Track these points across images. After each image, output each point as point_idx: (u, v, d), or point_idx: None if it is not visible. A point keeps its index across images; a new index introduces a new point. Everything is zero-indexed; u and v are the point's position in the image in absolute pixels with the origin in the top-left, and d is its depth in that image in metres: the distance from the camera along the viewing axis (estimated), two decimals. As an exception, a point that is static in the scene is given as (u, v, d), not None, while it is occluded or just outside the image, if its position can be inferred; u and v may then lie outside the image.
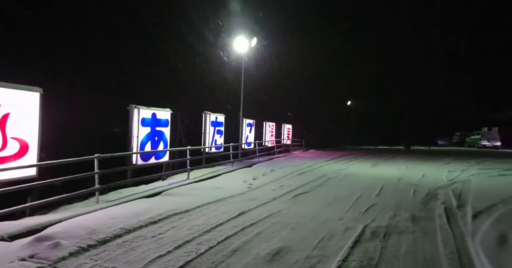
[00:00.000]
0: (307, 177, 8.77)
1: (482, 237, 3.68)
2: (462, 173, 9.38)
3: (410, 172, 10.14)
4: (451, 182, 8.00)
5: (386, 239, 3.92)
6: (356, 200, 6.03)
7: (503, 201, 5.47)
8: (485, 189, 6.74)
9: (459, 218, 4.72)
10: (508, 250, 3.27)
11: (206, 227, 4.16)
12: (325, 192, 6.84)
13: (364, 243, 3.77)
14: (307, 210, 5.24)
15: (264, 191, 6.76)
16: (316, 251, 3.50)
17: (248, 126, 13.86)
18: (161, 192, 6.24)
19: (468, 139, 28.88)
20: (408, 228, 4.34)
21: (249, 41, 12.44)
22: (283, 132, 19.11)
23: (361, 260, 3.26)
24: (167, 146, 7.87)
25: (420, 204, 5.81)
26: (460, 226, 4.33)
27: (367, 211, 5.24)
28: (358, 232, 4.13)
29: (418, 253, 3.47)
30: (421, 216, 4.93)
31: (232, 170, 9.91)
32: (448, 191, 6.77)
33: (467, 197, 6.05)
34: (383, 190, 7.11)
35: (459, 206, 5.41)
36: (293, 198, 6.17)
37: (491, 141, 25.53)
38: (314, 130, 29.14)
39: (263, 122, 16.46)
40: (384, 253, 3.47)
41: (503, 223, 4.11)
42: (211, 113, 10.49)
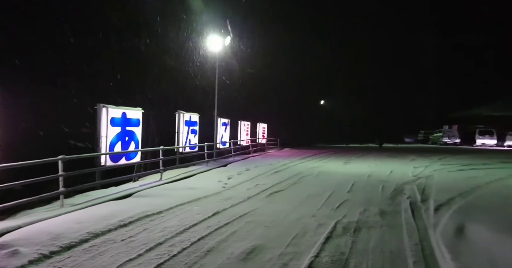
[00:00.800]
0: (281, 175, 8.88)
1: (442, 229, 3.91)
2: (426, 169, 9.93)
3: (379, 168, 10.57)
4: (416, 177, 8.44)
5: (356, 234, 4.06)
6: (328, 197, 6.19)
7: (461, 194, 5.86)
8: (446, 183, 7.19)
9: (423, 211, 4.99)
10: (465, 239, 3.51)
11: (180, 228, 4.08)
12: (299, 190, 6.96)
13: (336, 238, 3.88)
14: (282, 208, 5.30)
15: (239, 190, 6.75)
16: (290, 248, 3.55)
17: (223, 125, 13.77)
18: (132, 193, 6.03)
19: (432, 136, 30.67)
20: (377, 223, 4.53)
21: (223, 39, 12.35)
22: (258, 131, 19.19)
23: (332, 255, 3.35)
24: (138, 146, 7.62)
25: (388, 199, 6.07)
26: (423, 219, 4.58)
27: (339, 207, 5.40)
28: (330, 228, 4.24)
29: (386, 246, 3.63)
30: (389, 211, 5.15)
31: (207, 169, 9.80)
32: (413, 186, 7.14)
33: (430, 191, 6.41)
34: (354, 186, 7.36)
35: (422, 200, 5.72)
36: (268, 197, 6.22)
37: (452, 138, 27.30)
38: (289, 129, 29.56)
39: (238, 121, 16.42)
40: (354, 247, 3.59)
41: (460, 215, 4.40)
42: (185, 112, 10.30)
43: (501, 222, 3.85)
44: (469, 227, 3.80)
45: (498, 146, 24.88)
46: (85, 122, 9.30)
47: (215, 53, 12.59)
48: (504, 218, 4.06)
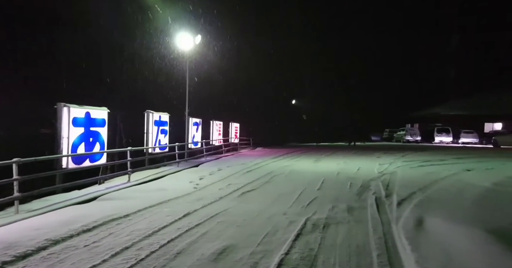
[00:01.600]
0: (254, 175, 8.92)
1: (403, 222, 4.15)
2: (390, 166, 10.46)
3: (348, 166, 10.96)
4: (381, 174, 8.86)
5: (325, 230, 4.19)
6: (299, 195, 6.31)
7: (420, 189, 6.25)
8: (408, 179, 7.62)
9: (387, 206, 5.26)
10: (423, 231, 3.75)
11: (148, 231, 3.96)
12: (271, 189, 7.04)
13: (306, 235, 3.97)
14: (254, 207, 5.33)
15: (211, 191, 6.69)
16: (261, 246, 3.58)
17: (194, 125, 13.56)
18: (97, 197, 5.75)
19: (396, 134, 32.36)
20: (345, 218, 4.69)
21: (193, 38, 12.15)
22: (231, 131, 19.13)
23: (302, 251, 3.43)
24: (104, 147, 7.28)
25: (355, 195, 6.32)
26: (387, 213, 4.82)
27: (309, 205, 5.53)
28: (300, 225, 4.33)
29: (352, 240, 3.78)
30: (356, 207, 5.37)
31: (178, 170, 9.60)
32: (378, 182, 7.48)
33: (393, 187, 6.76)
34: (324, 184, 7.57)
35: (387, 195, 6.02)
36: (240, 196, 6.22)
37: (413, 136, 28.99)
38: (262, 129, 29.77)
39: (211, 121, 16.26)
40: (323, 243, 3.70)
41: (420, 208, 4.70)
42: (154, 112, 10.00)
43: (454, 213, 4.16)
44: (427, 220, 4.06)
45: (453, 143, 26.82)
46: (46, 122, 8.73)
47: (186, 52, 12.36)
48: (457, 209, 4.39)
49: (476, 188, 5.70)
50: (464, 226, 3.46)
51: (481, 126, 29.75)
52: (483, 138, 26.08)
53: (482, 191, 5.40)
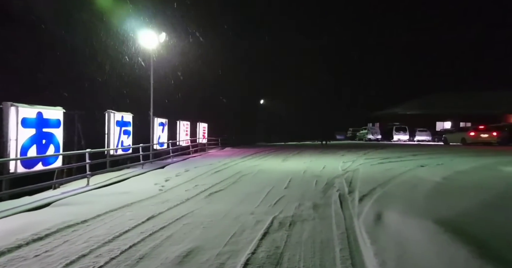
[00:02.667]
0: (222, 175, 8.85)
1: (364, 217, 4.36)
2: (353, 163, 10.93)
3: (314, 164, 11.27)
4: (345, 171, 9.23)
5: (291, 227, 4.26)
6: (267, 194, 6.37)
7: (380, 184, 6.60)
8: (369, 176, 8.01)
9: (349, 202, 5.48)
10: (381, 225, 3.97)
11: (108, 236, 3.76)
12: (239, 189, 7.02)
13: (272, 233, 4.02)
14: (221, 208, 5.28)
15: (177, 192, 6.52)
16: (228, 247, 3.56)
17: (160, 125, 13.15)
18: (51, 202, 5.35)
19: (358, 133, 33.94)
20: (310, 216, 4.81)
21: (157, 36, 11.77)
22: (199, 131, 18.83)
23: (268, 250, 3.46)
24: (59, 150, 6.80)
25: (320, 192, 6.51)
26: (350, 209, 5.03)
27: (276, 204, 5.60)
28: (267, 224, 4.37)
29: (317, 236, 3.89)
30: (321, 204, 5.52)
31: (142, 172, 9.24)
32: (342, 180, 7.78)
33: (356, 184, 7.06)
34: (291, 182, 7.71)
35: (349, 192, 6.28)
36: (207, 197, 6.14)
37: (374, 134, 30.62)
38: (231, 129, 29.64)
39: (177, 121, 15.87)
40: (289, 240, 3.76)
41: (379, 203, 4.96)
42: (116, 112, 9.54)
43: (408, 207, 4.45)
44: (385, 214, 4.30)
45: (410, 140, 28.73)
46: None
47: (150, 50, 11.94)
48: (411, 203, 4.70)
49: (428, 183, 6.14)
50: (417, 219, 3.71)
51: (433, 125, 32.19)
52: (435, 135, 28.25)
53: (433, 185, 5.83)
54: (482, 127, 21.12)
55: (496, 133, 20.64)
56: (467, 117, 30.41)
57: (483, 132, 20.75)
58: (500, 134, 20.70)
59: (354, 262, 3.09)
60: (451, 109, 32.41)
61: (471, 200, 4.35)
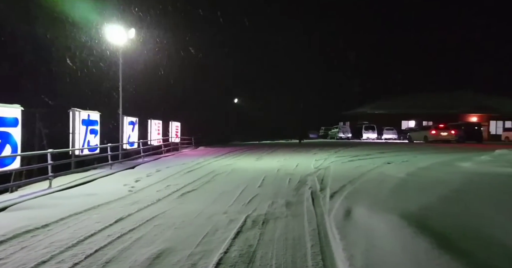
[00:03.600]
0: (195, 175, 8.72)
1: (334, 213, 4.49)
2: (325, 161, 11.23)
3: (287, 163, 11.44)
4: (317, 169, 9.45)
5: (264, 225, 4.29)
6: (240, 193, 6.37)
7: (350, 181, 6.83)
8: (339, 173, 8.27)
9: (321, 199, 5.62)
10: (351, 220, 4.11)
11: (72, 241, 3.57)
12: (213, 188, 6.96)
13: (246, 232, 4.02)
14: (194, 208, 5.20)
15: (148, 193, 6.34)
16: (200, 247, 3.51)
17: (130, 124, 12.69)
18: (7, 207, 4.97)
19: (330, 132, 34.96)
20: (283, 213, 4.88)
21: (126, 32, 11.33)
22: (171, 130, 18.41)
23: (241, 249, 3.46)
24: (17, 150, 6.33)
25: (293, 190, 6.61)
26: (321, 206, 5.16)
27: (250, 202, 5.61)
28: (240, 223, 4.36)
29: (289, 234, 3.95)
30: (294, 201, 5.61)
31: (111, 173, 8.87)
32: (314, 177, 7.96)
33: (327, 181, 7.26)
34: (264, 181, 7.76)
35: (321, 189, 6.44)
36: (180, 197, 6.02)
37: (345, 133, 31.71)
38: (204, 128, 29.28)
39: (148, 120, 15.40)
40: (262, 238, 3.79)
41: (349, 199, 5.13)
42: (82, 110, 9.06)
43: (376, 202, 4.65)
44: (354, 209, 4.46)
45: (378, 139, 30.07)
46: None
47: (118, 46, 11.46)
48: (378, 199, 4.91)
49: (394, 179, 6.45)
50: (383, 213, 3.89)
51: (399, 124, 33.92)
52: (401, 134, 29.78)
53: (398, 181, 6.14)
54: (442, 126, 22.62)
55: (454, 131, 22.20)
56: (429, 116, 32.35)
57: (443, 131, 22.21)
58: (457, 132, 22.29)
59: (324, 257, 3.18)
60: (414, 109, 34.32)
61: (431, 195, 4.64)
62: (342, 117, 39.50)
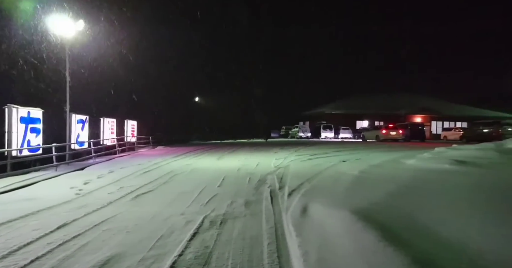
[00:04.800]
0: (152, 175, 8.34)
1: (292, 211, 4.57)
2: (285, 160, 11.46)
3: (248, 162, 11.46)
4: (277, 168, 9.59)
5: (222, 226, 4.23)
6: (199, 193, 6.22)
7: (307, 179, 7.02)
8: (298, 171, 8.48)
9: (279, 197, 5.69)
10: (307, 217, 4.22)
11: (3, 251, 3.17)
12: (170, 189, 6.71)
13: (202, 233, 3.92)
14: (149, 210, 4.96)
15: (98, 196, 5.91)
16: (153, 251, 3.34)
17: (79, 123, 11.78)
18: None
19: (291, 131, 35.85)
20: (242, 213, 4.85)
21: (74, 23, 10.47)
22: (127, 129, 17.46)
23: (197, 250, 3.36)
24: None
25: (253, 189, 6.61)
26: (279, 204, 5.22)
27: (208, 202, 5.50)
28: (197, 224, 4.25)
29: (247, 233, 3.93)
30: (253, 200, 5.61)
31: (56, 175, 8.13)
32: (274, 176, 8.05)
33: (286, 179, 7.39)
34: (224, 180, 7.68)
35: (280, 188, 6.53)
36: (134, 199, 5.70)
37: (305, 132, 32.75)
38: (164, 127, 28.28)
39: (101, 118, 14.44)
40: (219, 239, 3.72)
41: (306, 197, 5.26)
42: (20, 107, 8.19)
43: (330, 199, 4.82)
44: (310, 206, 4.58)
45: (335, 138, 31.51)
46: None
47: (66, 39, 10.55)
48: (333, 195, 5.11)
49: (348, 176, 6.77)
50: (337, 209, 4.04)
51: (354, 123, 35.90)
52: (356, 133, 31.53)
53: (352, 178, 6.45)
54: (391, 126, 24.41)
55: (401, 131, 24.09)
56: (381, 117, 34.69)
57: (392, 130, 23.98)
58: (404, 132, 24.23)
59: (280, 254, 3.21)
60: (367, 109, 36.59)
61: (380, 190, 4.94)
62: (302, 117, 40.73)
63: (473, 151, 7.89)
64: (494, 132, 19.06)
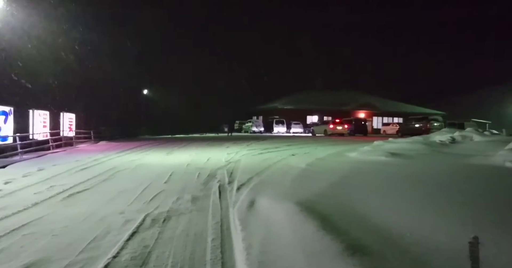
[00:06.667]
0: (90, 173, 7.66)
1: (239, 205, 4.53)
2: (236, 154, 11.41)
3: (199, 157, 11.17)
4: (228, 162, 9.50)
5: (165, 223, 4.02)
6: (143, 190, 5.86)
7: (257, 173, 7.06)
8: (249, 166, 8.49)
9: (228, 192, 5.62)
10: (253, 211, 4.21)
11: None
12: (110, 187, 6.23)
13: (142, 232, 3.68)
14: (83, 210, 4.52)
15: (22, 196, 5.23)
16: (83, 254, 3.03)
17: (2, 115, 10.33)
18: None
19: (244, 126, 36.00)
20: (188, 209, 4.67)
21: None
22: (63, 123, 15.83)
23: (134, 251, 3.13)
24: None
25: (201, 184, 6.44)
26: (227, 199, 5.14)
27: (152, 200, 5.20)
28: (138, 222, 3.98)
29: (191, 229, 3.79)
30: (200, 196, 5.45)
31: (-30, 175, 7.01)
32: (224, 171, 7.94)
33: (236, 174, 7.33)
34: (172, 176, 7.36)
35: (229, 182, 6.45)
36: (66, 199, 5.16)
37: (258, 127, 33.19)
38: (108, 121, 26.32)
39: (30, 110, 12.85)
40: (161, 237, 3.52)
41: (254, 191, 5.26)
42: None
43: (278, 192, 4.90)
44: (258, 200, 4.59)
45: (287, 132, 32.46)
46: None
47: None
48: (280, 188, 5.20)
49: (296, 169, 6.97)
50: (282, 202, 4.10)
51: (305, 118, 37.35)
52: (306, 128, 32.86)
53: (299, 171, 6.65)
54: (338, 121, 25.94)
55: (347, 126, 25.74)
56: (329, 112, 36.63)
57: (338, 125, 25.49)
58: (349, 126, 25.93)
59: (223, 249, 3.14)
60: (317, 105, 38.34)
61: (324, 182, 5.16)
62: (255, 111, 41.12)
63: (405, 144, 8.71)
64: (423, 127, 21.39)
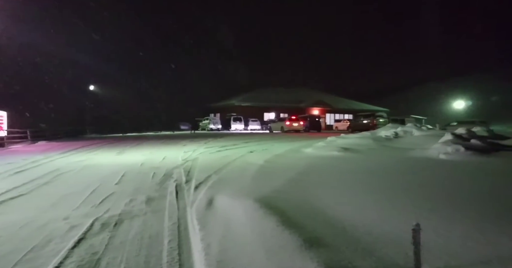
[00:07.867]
0: (26, 176, 6.89)
1: (197, 204, 4.41)
2: (194, 153, 11.13)
3: (154, 156, 10.68)
4: (185, 161, 9.22)
5: (116, 227, 3.76)
6: (91, 193, 5.43)
7: (215, 171, 6.96)
8: (207, 164, 8.33)
9: (185, 191, 5.45)
10: (212, 209, 4.14)
11: None
12: (52, 190, 5.66)
13: (90, 238, 3.40)
14: (19, 218, 4.04)
15: None
16: (18, 267, 2.70)
17: None
18: None
19: (201, 123, 35.34)
20: (142, 210, 4.43)
21: None
22: (-8, 121, 14.00)
23: (81, 259, 2.88)
24: None
25: (157, 184, 6.16)
26: (185, 198, 4.98)
27: (102, 203, 4.84)
28: (85, 228, 3.67)
29: (146, 232, 3.60)
30: (156, 196, 5.20)
31: None
32: (181, 170, 7.69)
33: (194, 172, 7.14)
34: (124, 177, 6.94)
35: (187, 181, 6.26)
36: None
37: (216, 124, 32.84)
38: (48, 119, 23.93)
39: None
40: (111, 242, 3.29)
41: (213, 189, 5.17)
42: None
43: (236, 189, 4.86)
44: (216, 198, 4.51)
45: (245, 129, 32.60)
46: None
47: None
48: (239, 186, 5.17)
49: (254, 166, 7.00)
50: (241, 199, 4.08)
51: (262, 115, 37.86)
52: (263, 125, 33.33)
53: (257, 168, 6.70)
54: (294, 118, 26.76)
55: (302, 122, 26.69)
56: (285, 109, 37.57)
57: (294, 122, 26.31)
58: (305, 123, 26.91)
59: (181, 251, 3.03)
60: (273, 102, 39.09)
61: (282, 178, 5.26)
62: (213, 109, 40.56)
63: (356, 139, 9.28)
64: (370, 123, 23.05)
